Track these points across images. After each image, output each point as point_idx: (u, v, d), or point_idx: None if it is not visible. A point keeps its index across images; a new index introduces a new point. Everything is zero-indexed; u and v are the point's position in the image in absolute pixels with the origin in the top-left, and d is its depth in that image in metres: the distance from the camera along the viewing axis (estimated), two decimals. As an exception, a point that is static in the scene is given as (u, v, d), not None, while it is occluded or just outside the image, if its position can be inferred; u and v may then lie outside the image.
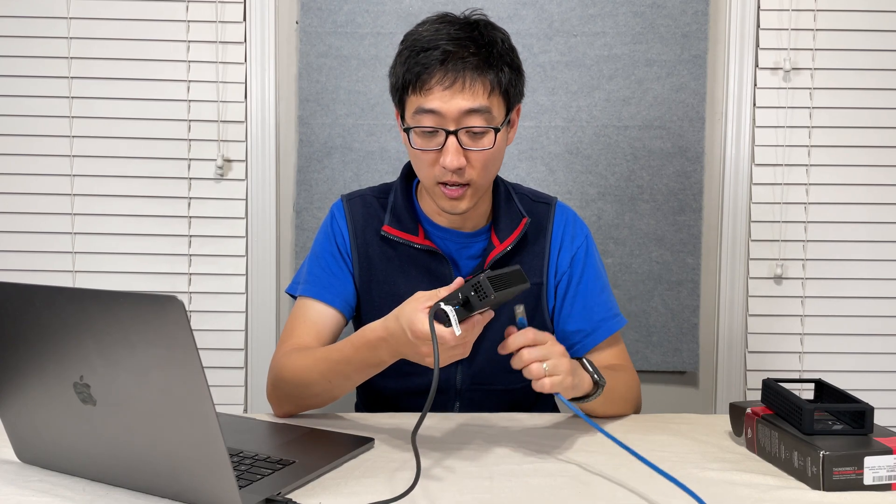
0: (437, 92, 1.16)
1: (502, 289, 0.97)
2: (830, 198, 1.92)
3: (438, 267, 1.30)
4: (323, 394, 1.18)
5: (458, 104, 1.16)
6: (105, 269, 1.92)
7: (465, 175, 1.19)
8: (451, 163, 1.17)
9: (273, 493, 0.88)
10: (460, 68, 1.15)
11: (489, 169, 1.22)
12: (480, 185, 1.22)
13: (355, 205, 1.35)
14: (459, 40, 1.17)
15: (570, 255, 1.34)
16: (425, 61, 1.16)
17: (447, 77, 1.15)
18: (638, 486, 0.95)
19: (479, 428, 1.16)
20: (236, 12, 1.89)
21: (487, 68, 1.17)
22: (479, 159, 1.19)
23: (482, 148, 1.19)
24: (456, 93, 1.16)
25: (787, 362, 1.94)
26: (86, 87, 1.90)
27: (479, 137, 1.19)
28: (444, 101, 1.16)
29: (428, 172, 1.22)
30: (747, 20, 1.89)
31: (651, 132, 1.90)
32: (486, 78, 1.17)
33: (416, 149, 1.20)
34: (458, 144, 1.17)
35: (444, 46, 1.16)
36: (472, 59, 1.16)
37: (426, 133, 1.19)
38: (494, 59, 1.18)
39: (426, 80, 1.16)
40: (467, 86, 1.16)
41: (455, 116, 1.16)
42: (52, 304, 0.85)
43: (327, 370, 1.15)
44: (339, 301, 1.30)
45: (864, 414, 0.99)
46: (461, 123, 1.17)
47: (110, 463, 0.91)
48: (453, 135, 1.17)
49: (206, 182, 1.92)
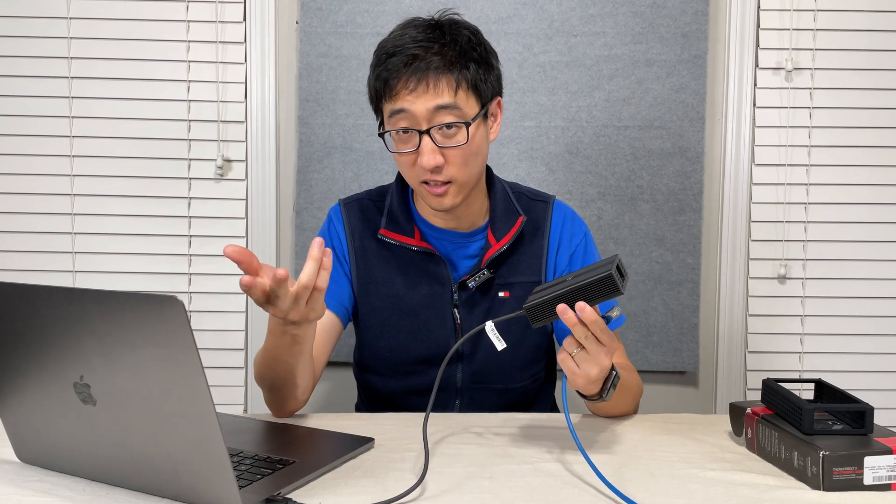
0: (404, 95, 1.19)
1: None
2: (831, 198, 1.92)
3: (436, 268, 1.30)
4: (279, 382, 1.16)
5: (424, 104, 1.18)
6: (105, 269, 1.92)
7: (443, 173, 1.21)
8: (426, 162, 1.19)
9: (273, 493, 0.88)
10: (423, 69, 1.18)
11: (469, 164, 1.23)
12: (463, 181, 1.23)
13: (352, 209, 1.36)
14: (422, 42, 1.20)
15: (568, 253, 1.35)
16: (391, 66, 1.20)
17: (412, 79, 1.18)
18: (638, 486, 0.95)
19: (479, 428, 1.16)
20: (236, 12, 1.89)
21: (451, 66, 1.19)
22: (456, 156, 1.21)
23: (456, 144, 1.20)
24: (421, 94, 1.18)
25: (787, 362, 1.94)
26: (86, 87, 1.90)
27: (452, 134, 1.20)
28: (411, 103, 1.19)
29: (410, 174, 1.24)
30: (747, 20, 1.89)
31: (651, 132, 1.90)
32: (450, 76, 1.19)
33: (394, 152, 1.23)
34: (432, 144, 1.19)
35: (408, 50, 1.19)
36: (435, 59, 1.19)
37: (401, 135, 1.21)
38: (458, 57, 1.20)
39: (393, 84, 1.19)
40: (431, 86, 1.18)
41: (425, 116, 1.19)
42: (52, 304, 0.85)
43: (266, 357, 1.15)
44: (336, 305, 1.31)
45: (864, 414, 0.99)
46: (432, 122, 1.19)
47: (110, 463, 0.91)
48: (426, 134, 1.19)
49: (206, 182, 1.92)
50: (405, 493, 0.90)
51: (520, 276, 1.32)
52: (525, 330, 1.32)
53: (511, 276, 1.32)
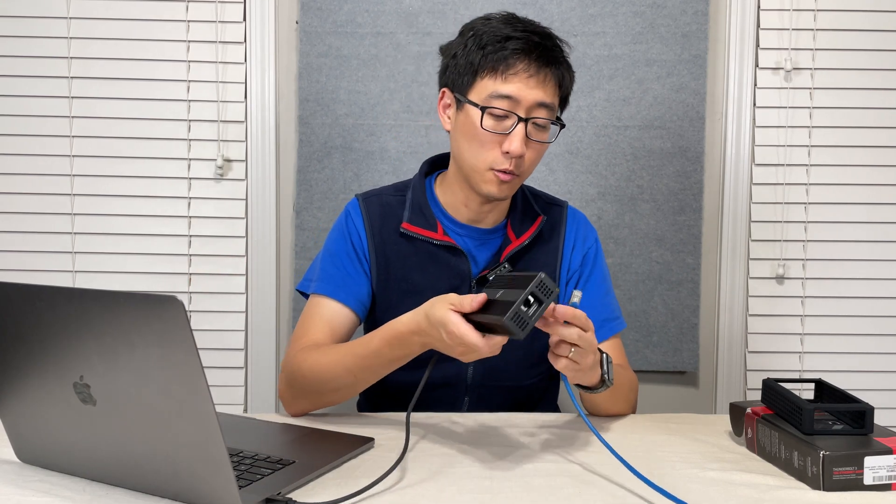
0: (522, 79, 1.20)
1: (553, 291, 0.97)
2: (830, 198, 1.92)
3: (458, 263, 1.31)
4: (345, 388, 1.18)
5: (535, 95, 1.20)
6: (105, 269, 1.92)
7: (520, 164, 1.23)
8: (516, 148, 1.20)
9: (273, 493, 0.88)
10: (544, 62, 1.21)
11: (535, 165, 1.27)
12: (525, 176, 1.27)
13: (372, 203, 1.36)
14: (542, 35, 1.22)
15: (581, 255, 1.38)
16: (514, 46, 1.20)
17: (532, 66, 1.20)
18: (638, 486, 0.95)
19: (480, 428, 1.16)
20: (236, 12, 1.89)
21: (562, 68, 1.24)
22: (535, 152, 1.24)
23: (543, 140, 1.24)
24: (537, 84, 1.20)
25: (787, 362, 1.94)
26: (86, 87, 1.90)
27: (542, 131, 1.24)
28: (523, 90, 1.20)
29: (485, 156, 1.23)
30: (747, 20, 1.89)
31: (651, 132, 1.90)
32: (559, 77, 1.23)
33: (486, 130, 1.21)
34: (524, 133, 1.21)
35: (530, 38, 1.20)
36: (553, 55, 1.22)
37: (496, 117, 1.21)
38: (566, 63, 1.25)
39: (513, 63, 1.19)
40: (547, 80, 1.21)
41: (528, 105, 1.20)
42: (52, 304, 0.85)
43: (353, 365, 1.15)
44: (354, 301, 1.31)
45: (864, 414, 0.99)
46: (531, 114, 1.21)
47: (110, 463, 0.91)
48: (523, 122, 1.20)
49: (206, 182, 1.92)
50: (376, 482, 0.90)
51: None
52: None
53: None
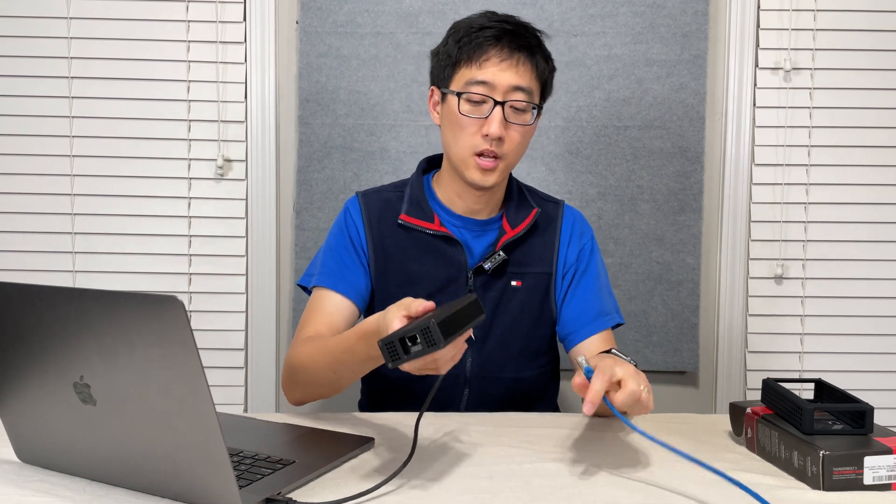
0: (494, 63, 1.25)
1: (453, 333, 0.91)
2: (830, 198, 1.92)
3: (453, 252, 1.34)
4: (330, 384, 1.20)
5: (508, 78, 1.25)
6: (105, 269, 1.92)
7: (502, 147, 1.27)
8: (494, 130, 1.24)
9: (273, 493, 0.88)
10: (515, 47, 1.26)
11: (519, 148, 1.30)
12: (510, 161, 1.30)
13: (371, 199, 1.39)
14: (515, 24, 1.29)
15: (577, 250, 1.40)
16: (486, 35, 1.26)
17: (504, 51, 1.26)
18: (638, 486, 0.95)
19: (480, 427, 1.16)
20: (236, 12, 1.89)
21: (536, 54, 1.29)
22: (516, 135, 1.28)
23: (522, 123, 1.27)
24: (510, 67, 1.25)
25: (787, 362, 1.94)
26: (86, 87, 1.89)
27: (520, 113, 1.28)
28: (497, 75, 1.25)
29: (468, 141, 1.28)
30: (747, 20, 1.89)
31: (651, 132, 1.90)
32: (534, 61, 1.28)
33: (463, 115, 1.26)
34: (502, 116, 1.25)
35: (502, 27, 1.27)
36: (526, 41, 1.27)
37: (474, 102, 1.26)
38: (541, 49, 1.30)
39: (486, 50, 1.26)
40: (520, 63, 1.26)
41: (504, 90, 1.25)
42: (52, 304, 0.85)
43: (333, 361, 1.16)
44: (353, 292, 1.33)
45: (864, 414, 0.99)
46: (507, 97, 1.25)
47: (110, 463, 0.91)
48: (500, 105, 1.25)
49: (206, 182, 1.92)
50: (379, 485, 0.90)
51: (532, 267, 1.36)
52: (536, 318, 1.36)
53: (524, 265, 1.36)
